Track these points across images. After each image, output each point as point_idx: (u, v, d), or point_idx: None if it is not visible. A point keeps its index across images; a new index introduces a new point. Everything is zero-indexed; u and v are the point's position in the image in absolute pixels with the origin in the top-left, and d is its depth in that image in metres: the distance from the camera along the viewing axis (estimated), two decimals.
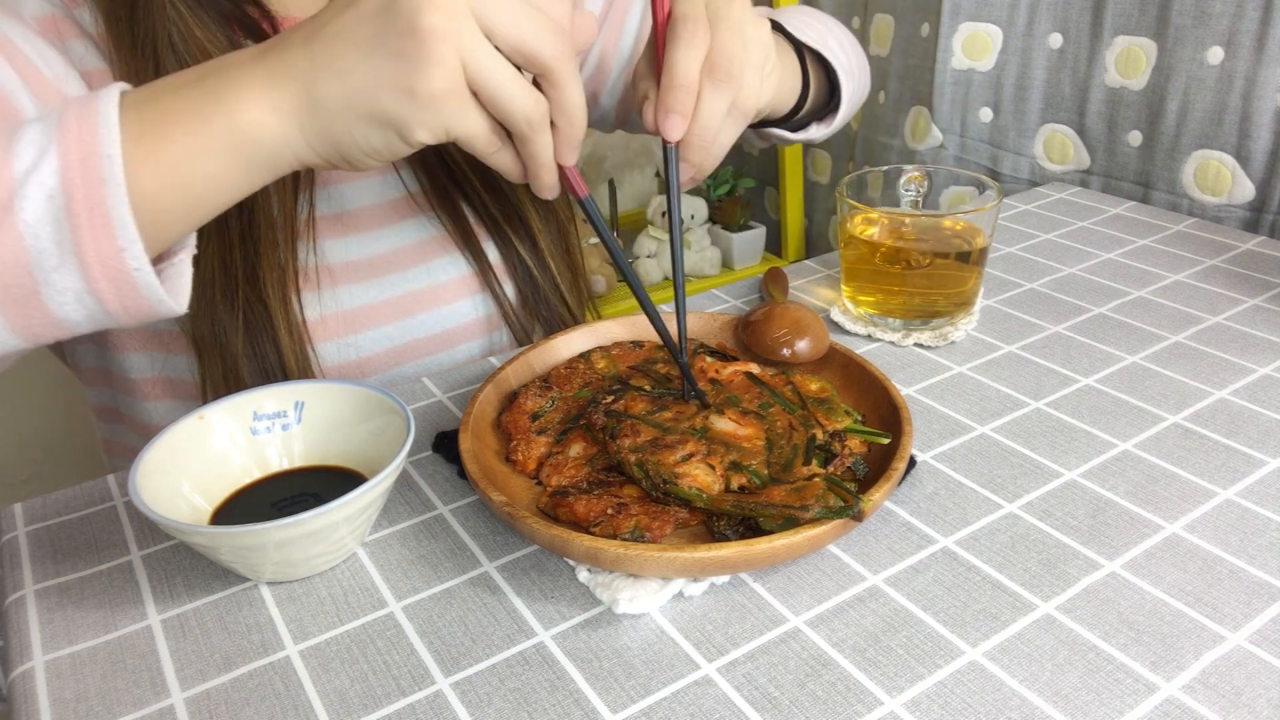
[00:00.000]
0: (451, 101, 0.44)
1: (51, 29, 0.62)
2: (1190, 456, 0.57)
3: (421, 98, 0.43)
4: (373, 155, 0.47)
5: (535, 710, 0.42)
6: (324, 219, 0.70)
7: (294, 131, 0.45)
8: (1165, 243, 0.87)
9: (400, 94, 0.43)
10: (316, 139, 0.45)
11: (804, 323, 0.65)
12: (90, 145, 0.42)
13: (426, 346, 0.75)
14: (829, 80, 0.79)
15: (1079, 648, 0.44)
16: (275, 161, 0.46)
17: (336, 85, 0.44)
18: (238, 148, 0.45)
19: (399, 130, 0.45)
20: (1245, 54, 0.94)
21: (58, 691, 0.44)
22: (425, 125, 0.44)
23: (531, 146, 0.48)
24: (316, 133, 0.45)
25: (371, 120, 0.45)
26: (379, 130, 0.45)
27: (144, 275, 0.43)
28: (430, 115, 0.44)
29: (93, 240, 0.42)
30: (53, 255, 0.42)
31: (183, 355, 0.68)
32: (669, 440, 0.53)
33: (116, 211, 0.42)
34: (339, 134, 0.45)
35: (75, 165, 0.42)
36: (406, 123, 0.44)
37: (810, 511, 0.48)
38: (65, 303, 0.44)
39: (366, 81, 0.44)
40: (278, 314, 0.66)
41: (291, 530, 0.45)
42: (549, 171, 0.50)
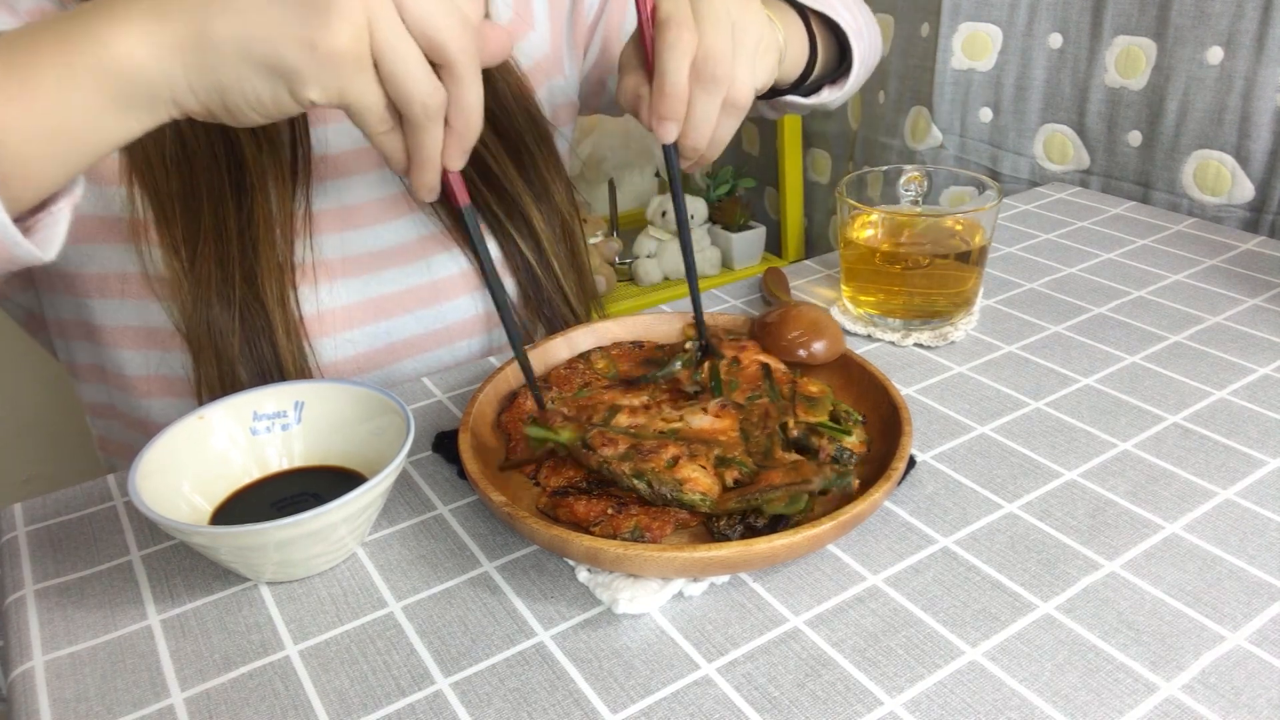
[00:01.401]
0: (351, 63, 0.42)
1: None
2: (1190, 456, 0.57)
3: (322, 52, 0.41)
4: (256, 108, 0.44)
5: (535, 710, 0.42)
6: (322, 214, 0.69)
7: (175, 68, 0.42)
8: (1165, 243, 0.87)
9: (300, 44, 0.41)
10: (199, 80, 0.43)
11: (820, 324, 0.65)
12: None
13: (425, 343, 0.75)
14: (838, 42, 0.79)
15: (1079, 648, 0.44)
16: (151, 103, 0.43)
17: (232, 24, 0.42)
18: (109, 84, 0.42)
19: (291, 84, 0.43)
20: (1245, 54, 0.94)
21: (58, 691, 0.44)
22: (320, 83, 0.43)
23: (422, 136, 0.46)
24: (200, 73, 0.43)
25: (264, 68, 0.42)
26: (269, 81, 0.43)
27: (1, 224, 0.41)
28: (327, 73, 0.42)
29: None
30: None
31: (178, 353, 0.67)
32: (648, 445, 0.52)
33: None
34: (225, 78, 0.43)
35: None
36: (301, 76, 0.42)
37: (814, 484, 0.49)
38: None
39: (266, 25, 0.42)
40: (275, 314, 0.65)
41: (291, 530, 0.45)
42: (433, 170, 0.48)
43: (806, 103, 0.78)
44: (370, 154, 0.72)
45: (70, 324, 0.71)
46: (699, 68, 0.54)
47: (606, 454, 0.51)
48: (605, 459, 0.51)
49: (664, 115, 0.54)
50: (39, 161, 0.43)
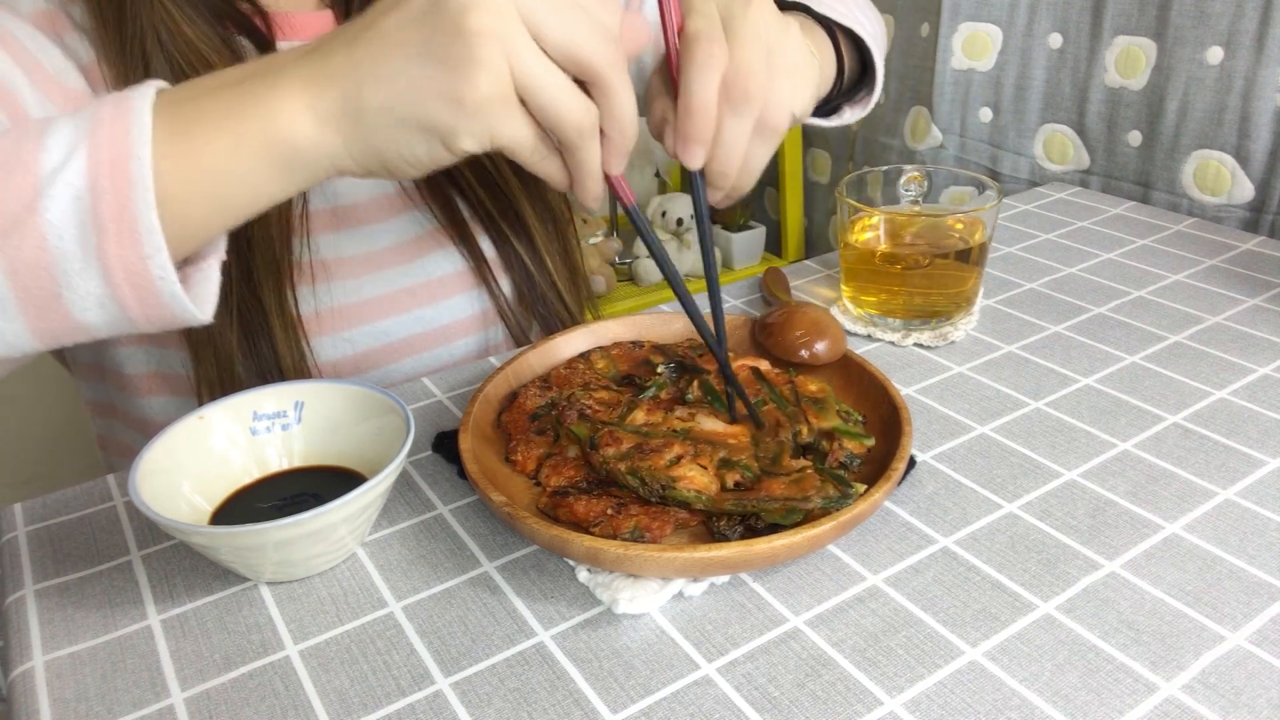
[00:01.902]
0: (498, 108, 0.42)
1: (47, 24, 0.62)
2: (1190, 456, 0.57)
3: (469, 105, 0.42)
4: (414, 164, 0.45)
5: (535, 710, 0.42)
6: (319, 213, 0.69)
7: (334, 138, 0.44)
8: (1165, 243, 0.87)
9: (446, 101, 0.42)
10: (357, 147, 0.44)
11: (822, 324, 0.65)
12: (120, 146, 0.41)
13: (422, 342, 0.75)
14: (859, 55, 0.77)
15: (1079, 648, 0.44)
16: (312, 168, 0.45)
17: (380, 91, 0.43)
18: (274, 153, 0.43)
19: (444, 138, 0.43)
20: (1245, 54, 0.94)
21: (58, 691, 0.44)
22: (471, 133, 0.43)
23: (580, 155, 0.46)
24: (357, 141, 0.44)
25: (416, 128, 0.43)
26: (423, 138, 0.44)
27: (168, 284, 0.42)
28: (477, 123, 0.43)
29: (117, 245, 0.41)
30: (76, 258, 0.41)
31: (177, 351, 0.68)
32: (653, 444, 0.52)
33: (144, 217, 0.41)
34: (381, 142, 0.44)
35: (104, 166, 0.40)
36: (452, 130, 0.43)
37: (812, 502, 0.48)
38: (87, 307, 0.43)
39: (411, 88, 0.42)
40: (273, 311, 0.65)
41: (291, 530, 0.45)
42: (596, 181, 0.48)
43: (826, 124, 0.76)
44: None
45: None
46: (729, 84, 0.50)
47: (608, 453, 0.51)
48: (606, 458, 0.51)
49: (689, 136, 0.50)
50: (198, 219, 0.44)
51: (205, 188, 0.43)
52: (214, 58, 0.62)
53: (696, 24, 0.49)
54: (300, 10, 0.69)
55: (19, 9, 0.61)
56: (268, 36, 0.67)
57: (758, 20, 0.50)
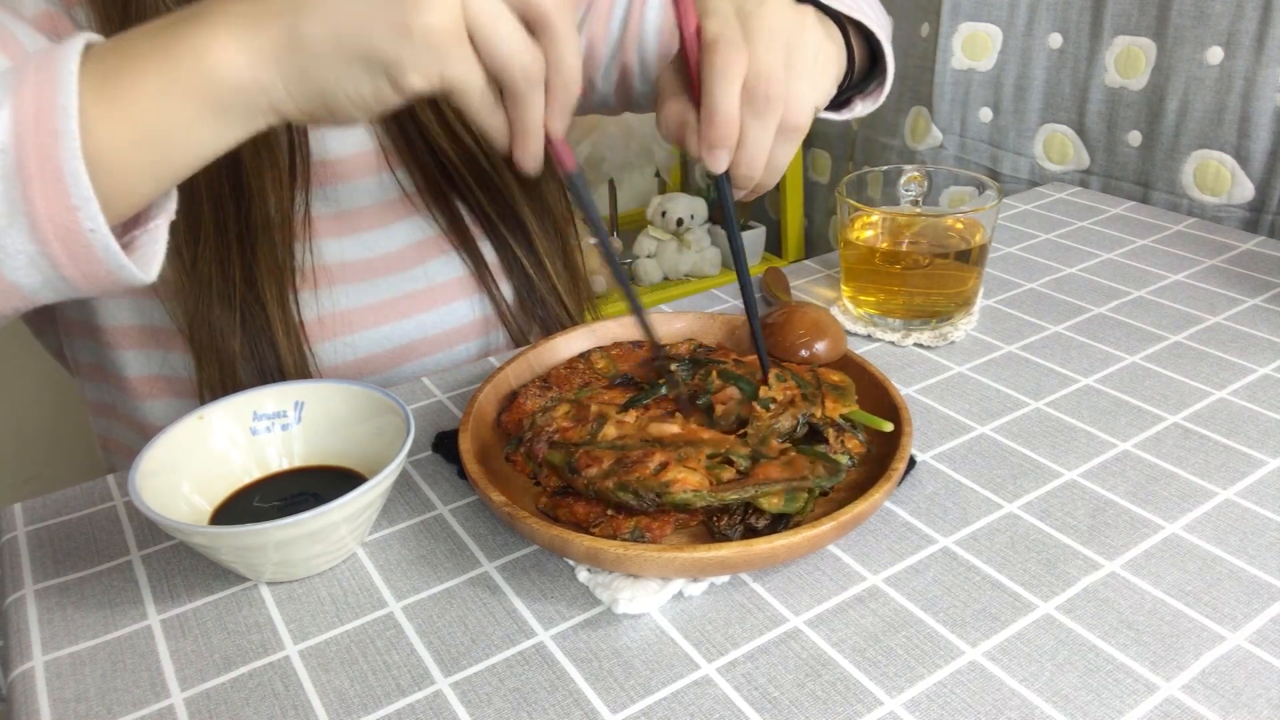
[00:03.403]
0: (449, 42, 0.41)
1: (49, 26, 0.62)
2: (1190, 456, 0.57)
3: (418, 35, 0.41)
4: (359, 104, 0.43)
5: (535, 710, 0.42)
6: (321, 219, 0.69)
7: (272, 74, 0.42)
8: (1165, 243, 0.87)
9: (395, 30, 0.41)
10: (297, 84, 0.42)
11: (822, 324, 0.65)
12: (46, 96, 0.39)
13: (424, 347, 0.75)
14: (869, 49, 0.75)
15: (1079, 648, 0.44)
16: (249, 111, 0.43)
17: (323, 21, 0.41)
18: (208, 94, 0.42)
19: (390, 73, 0.42)
20: (1245, 54, 0.94)
21: (58, 691, 0.44)
22: (419, 68, 0.42)
23: (524, 106, 0.45)
24: (298, 76, 0.42)
25: (361, 61, 0.42)
26: (368, 74, 0.42)
27: (99, 237, 0.41)
28: (426, 56, 0.41)
29: (44, 197, 0.39)
30: (2, 214, 0.40)
31: (179, 354, 0.68)
32: (633, 456, 0.51)
33: (69, 165, 0.39)
34: (324, 77, 0.42)
35: (29, 118, 0.39)
36: (399, 63, 0.41)
37: (810, 481, 0.49)
38: (18, 266, 0.41)
39: (359, 17, 0.41)
40: (275, 314, 0.65)
41: (291, 530, 0.45)
42: (536, 138, 0.47)
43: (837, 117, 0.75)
44: (368, 158, 0.72)
45: (74, 323, 0.72)
46: (750, 89, 0.49)
47: (591, 474, 0.50)
48: (590, 480, 0.50)
49: (714, 144, 0.50)
50: (135, 172, 0.42)
51: (138, 135, 0.41)
52: None
53: (714, 27, 0.49)
54: None
55: (20, 11, 0.61)
56: None
57: (774, 18, 0.50)
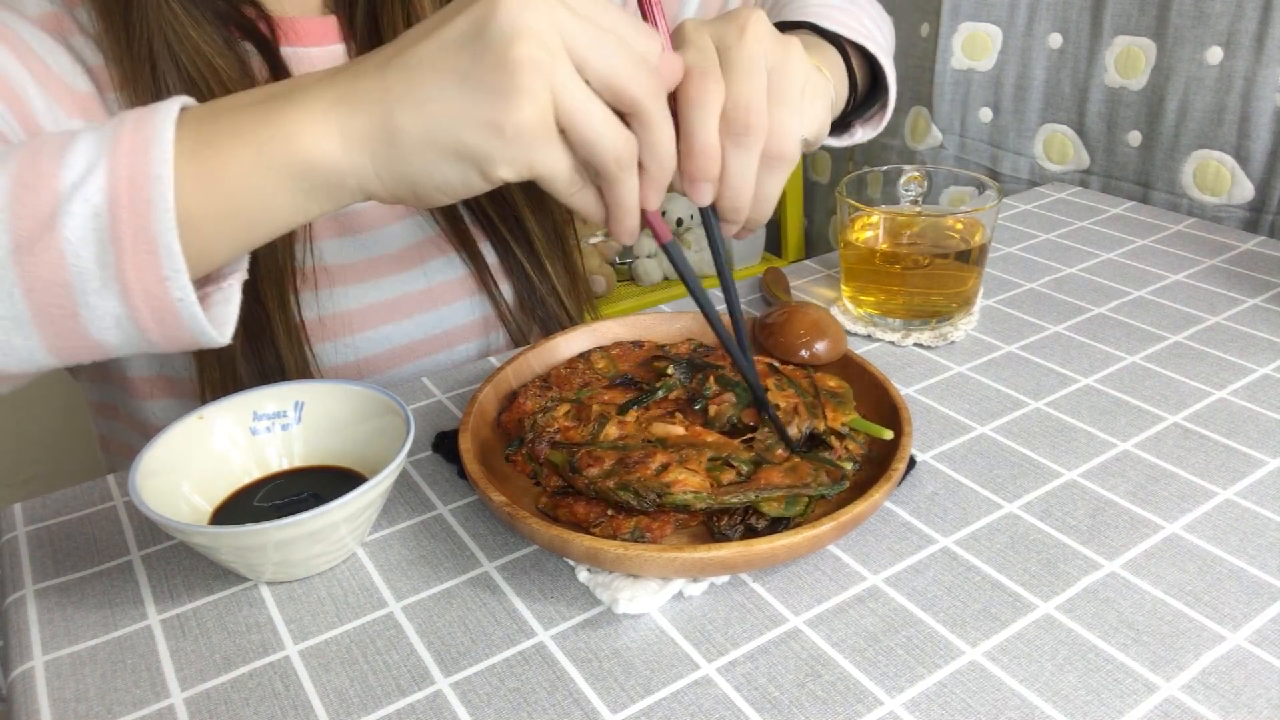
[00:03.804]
0: (539, 138, 0.41)
1: (53, 26, 0.62)
2: (1190, 456, 0.57)
3: (509, 133, 0.41)
4: (447, 191, 0.44)
5: (535, 710, 0.42)
6: (322, 220, 0.70)
7: (363, 161, 0.42)
8: (1165, 243, 0.87)
9: (486, 128, 0.41)
10: (387, 171, 0.43)
11: (822, 324, 0.65)
12: (141, 164, 0.39)
13: (424, 347, 0.75)
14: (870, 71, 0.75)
15: (1079, 648, 0.44)
16: (337, 191, 0.43)
17: (416, 115, 0.41)
18: (297, 174, 0.42)
19: (480, 166, 0.42)
20: (1244, 54, 0.94)
21: (58, 691, 0.44)
22: (509, 162, 0.42)
23: (618, 189, 0.45)
24: (388, 164, 0.42)
25: (451, 154, 0.42)
26: (458, 165, 0.42)
27: (187, 306, 0.41)
28: (516, 151, 0.41)
29: (135, 266, 0.40)
30: (94, 277, 0.40)
31: (180, 355, 0.68)
32: (635, 456, 0.51)
33: (163, 238, 0.39)
34: (414, 167, 0.43)
35: (124, 183, 0.39)
36: (490, 158, 0.42)
37: (811, 488, 0.49)
38: (104, 327, 0.42)
39: (450, 113, 0.41)
40: (275, 315, 0.65)
41: (291, 530, 0.45)
42: (633, 216, 0.47)
43: (837, 144, 0.75)
44: None
45: None
46: (729, 119, 0.48)
47: (592, 474, 0.50)
48: (591, 479, 0.50)
49: (695, 176, 0.49)
50: (218, 240, 0.43)
51: (226, 208, 0.42)
52: (219, 61, 0.62)
53: (691, 58, 0.48)
54: (305, 16, 0.69)
55: (25, 12, 0.61)
56: (272, 41, 0.67)
57: (754, 47, 0.49)
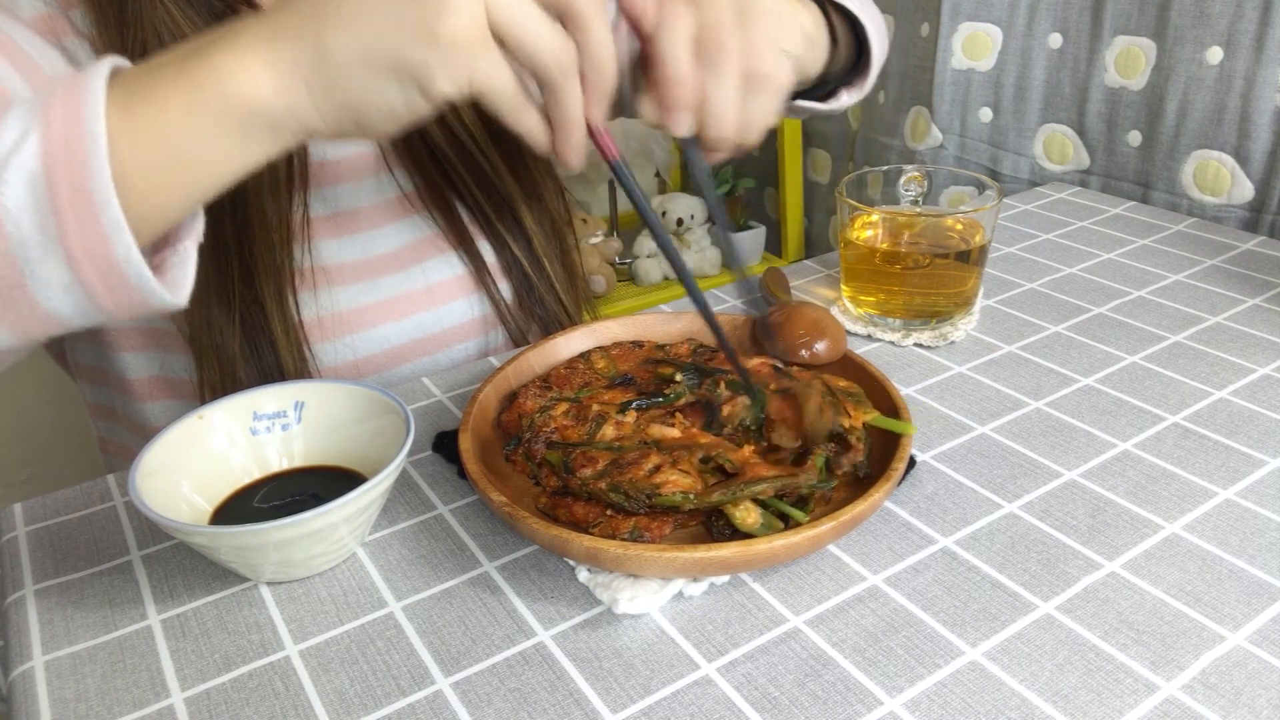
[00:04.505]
0: (476, 46, 0.41)
1: (48, 28, 0.62)
2: (1190, 456, 0.57)
3: (444, 40, 0.40)
4: (389, 116, 0.43)
5: (535, 710, 0.42)
6: (319, 220, 0.69)
7: (299, 93, 0.41)
8: (1165, 243, 0.87)
9: (419, 38, 0.40)
10: (325, 100, 0.42)
11: (823, 324, 0.65)
12: (74, 123, 0.39)
13: (423, 347, 0.75)
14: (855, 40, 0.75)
15: (1079, 648, 0.44)
16: (277, 130, 0.43)
17: (346, 34, 0.40)
18: (234, 116, 0.41)
19: (419, 81, 0.41)
20: (1244, 54, 0.94)
21: (58, 691, 0.44)
22: (447, 73, 0.41)
23: (561, 98, 0.44)
24: (325, 91, 0.42)
25: (388, 71, 0.41)
26: (397, 83, 0.41)
27: (133, 265, 0.40)
28: (454, 61, 0.41)
29: (76, 226, 0.39)
30: (36, 244, 0.39)
31: (180, 355, 0.68)
32: (629, 458, 0.51)
33: (100, 194, 0.39)
34: (351, 91, 0.42)
35: (58, 145, 0.39)
36: (428, 71, 0.41)
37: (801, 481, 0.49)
38: (53, 295, 0.41)
39: (381, 28, 0.40)
40: (274, 314, 0.65)
41: (291, 530, 0.45)
42: (578, 130, 0.46)
43: (823, 108, 0.74)
44: (367, 159, 0.72)
45: None
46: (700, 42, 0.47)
47: (585, 474, 0.50)
48: (584, 480, 0.50)
49: (669, 105, 0.48)
50: (162, 194, 0.42)
51: (165, 159, 0.41)
52: None
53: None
54: None
55: (19, 13, 0.61)
56: None
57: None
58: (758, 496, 0.48)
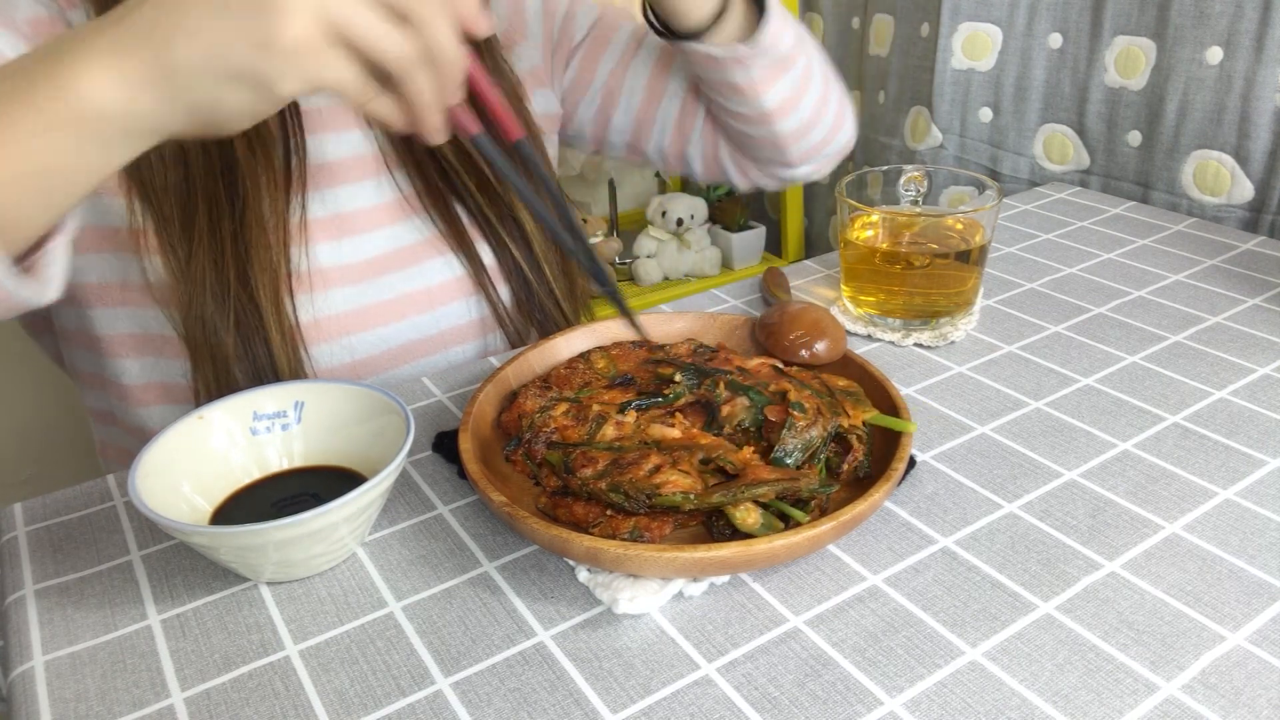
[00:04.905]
0: (314, 50, 0.41)
1: (46, 31, 0.62)
2: (1190, 456, 0.57)
3: (278, 49, 0.41)
4: (240, 115, 0.44)
5: (535, 710, 0.42)
6: (317, 222, 0.69)
7: (147, 100, 0.42)
8: (1165, 243, 0.87)
9: (258, 49, 0.41)
10: (176, 104, 0.43)
11: (822, 324, 0.65)
12: None
13: (421, 349, 0.75)
14: None
15: (1079, 648, 0.44)
16: (133, 136, 0.43)
17: (189, 47, 0.41)
18: (86, 125, 0.42)
19: (263, 86, 0.42)
20: (1244, 54, 0.94)
21: (58, 691, 0.44)
22: (289, 78, 0.42)
23: (413, 86, 0.45)
24: (174, 98, 0.42)
25: (232, 79, 0.42)
26: (242, 89, 0.42)
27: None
28: (294, 67, 0.41)
29: None
30: None
31: (176, 360, 0.68)
32: (629, 458, 0.51)
33: None
34: (200, 98, 0.42)
35: None
36: (268, 76, 0.42)
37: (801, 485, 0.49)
38: None
39: (221, 39, 0.41)
40: (269, 315, 0.65)
41: (291, 530, 0.45)
42: (434, 113, 0.46)
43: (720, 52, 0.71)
44: (367, 161, 0.72)
45: (72, 332, 0.72)
46: None
47: (585, 474, 0.51)
48: (584, 480, 0.50)
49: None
50: (23, 206, 0.43)
51: (24, 173, 0.42)
52: None
53: None
54: None
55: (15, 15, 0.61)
56: None
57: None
58: (758, 499, 0.49)
